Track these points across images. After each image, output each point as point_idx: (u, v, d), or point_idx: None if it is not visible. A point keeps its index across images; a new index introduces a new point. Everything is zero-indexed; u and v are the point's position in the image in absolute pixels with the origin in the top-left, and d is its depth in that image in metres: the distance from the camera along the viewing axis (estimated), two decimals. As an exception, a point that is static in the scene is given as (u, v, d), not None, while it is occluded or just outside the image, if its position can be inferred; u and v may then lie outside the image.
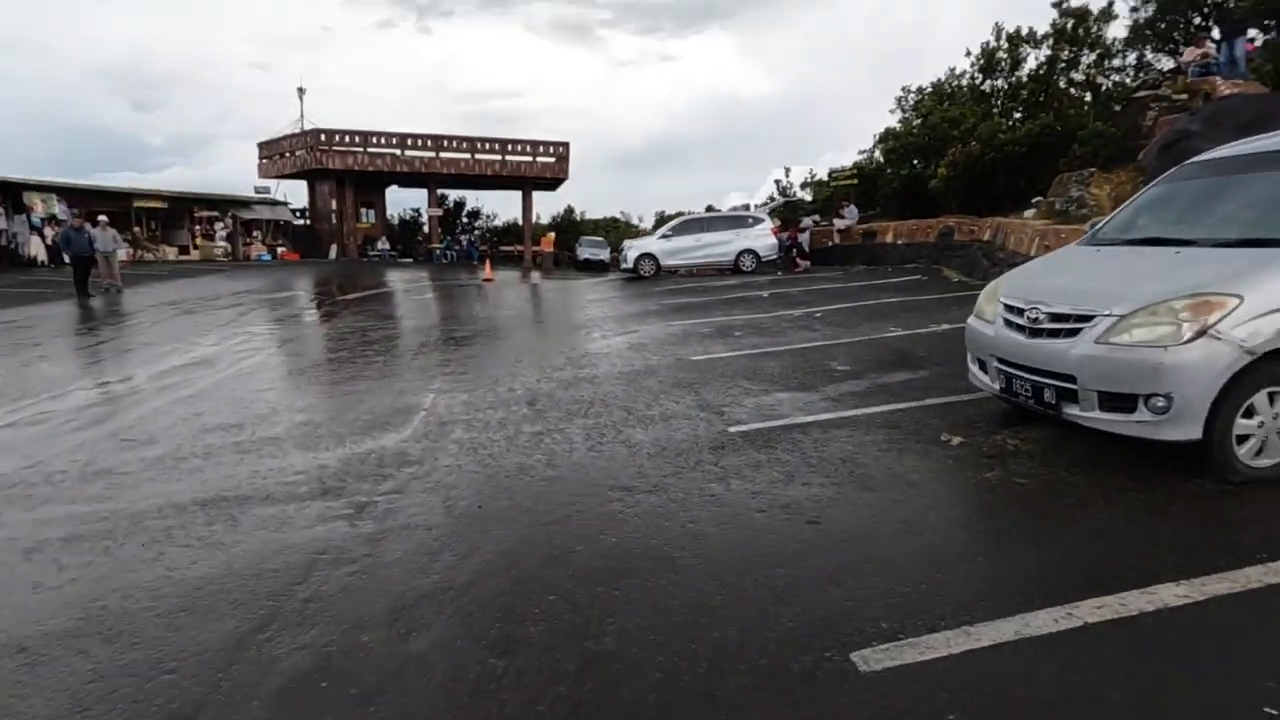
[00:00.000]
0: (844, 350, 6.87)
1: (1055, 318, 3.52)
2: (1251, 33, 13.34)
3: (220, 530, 3.42)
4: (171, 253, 26.64)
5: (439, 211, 31.86)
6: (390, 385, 6.54)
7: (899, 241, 15.34)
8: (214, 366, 7.56)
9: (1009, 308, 3.86)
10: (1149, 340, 3.12)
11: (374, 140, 28.71)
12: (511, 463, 4.21)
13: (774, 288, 12.81)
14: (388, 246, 30.71)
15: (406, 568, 2.96)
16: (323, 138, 28.08)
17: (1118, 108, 13.01)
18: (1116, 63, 15.28)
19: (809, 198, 21.95)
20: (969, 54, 16.20)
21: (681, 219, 18.40)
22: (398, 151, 29.08)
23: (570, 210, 39.23)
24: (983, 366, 4.14)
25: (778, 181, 23.92)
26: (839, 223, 17.23)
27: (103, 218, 15.84)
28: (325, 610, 2.62)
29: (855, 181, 18.60)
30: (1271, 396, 3.08)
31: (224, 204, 28.45)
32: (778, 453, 4.06)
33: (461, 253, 31.28)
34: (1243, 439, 3.11)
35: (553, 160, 30.65)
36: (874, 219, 17.29)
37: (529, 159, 30.34)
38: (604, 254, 25.98)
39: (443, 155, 29.49)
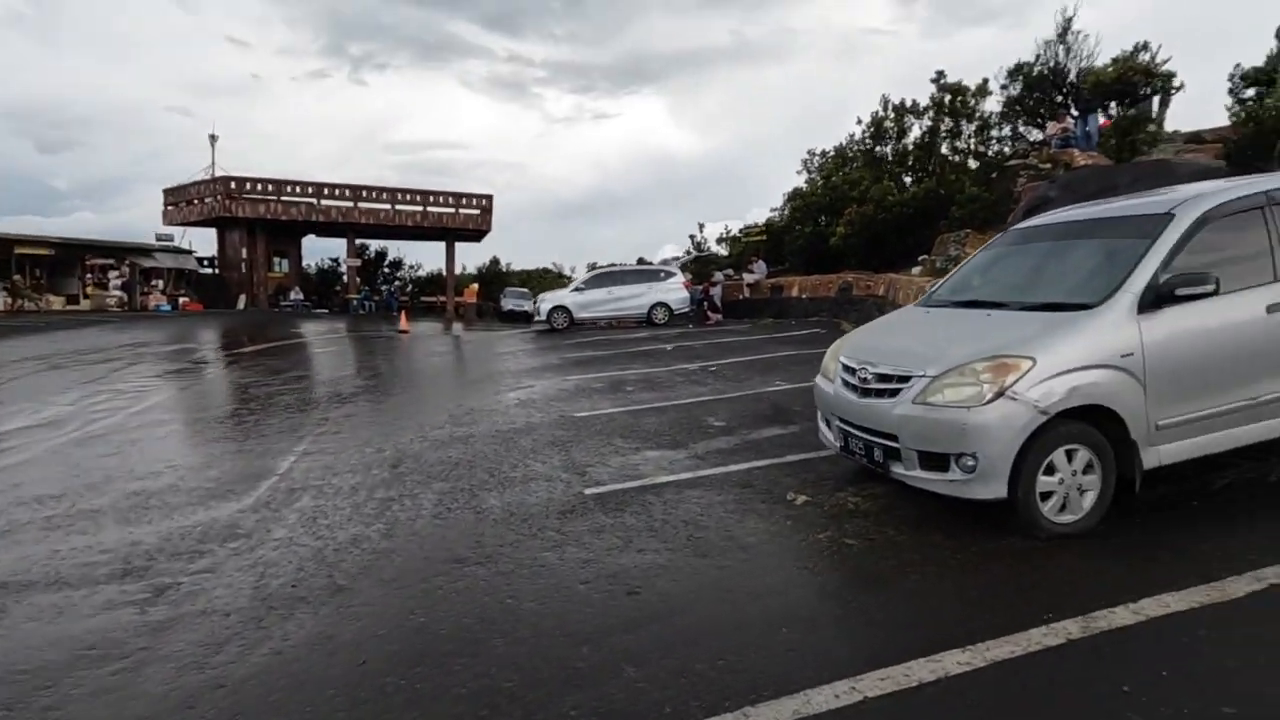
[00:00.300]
0: (726, 405, 6.92)
1: (880, 378, 3.62)
2: (1113, 109, 14.82)
3: (-17, 625, 3.03)
4: (58, 302, 24.90)
5: (357, 262, 31.13)
6: (252, 447, 6.14)
7: (804, 296, 15.88)
8: (60, 428, 6.95)
9: (845, 367, 3.95)
10: (956, 401, 3.23)
11: (288, 189, 27.98)
12: (347, 535, 3.95)
13: (680, 340, 12.95)
14: (301, 297, 29.64)
15: (181, 663, 2.67)
16: (233, 185, 27.17)
17: (994, 174, 14.07)
18: (995, 133, 16.60)
19: (725, 252, 22.60)
20: (859, 121, 17.32)
21: (595, 272, 18.59)
22: (314, 200, 28.42)
23: (496, 261, 39.11)
24: (828, 424, 4.20)
25: (692, 237, 24.64)
26: (748, 277, 17.74)
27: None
28: (58, 721, 2.31)
29: (764, 238, 19.31)
30: (1069, 454, 3.22)
31: (121, 251, 26.91)
32: (625, 516, 3.96)
33: (381, 303, 30.54)
34: (1046, 496, 3.23)
35: (476, 212, 30.59)
36: (782, 274, 17.91)
37: (451, 210, 30.19)
38: (528, 305, 25.88)
39: (362, 205, 29.00)
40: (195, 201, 28.34)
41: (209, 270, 30.79)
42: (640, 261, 30.00)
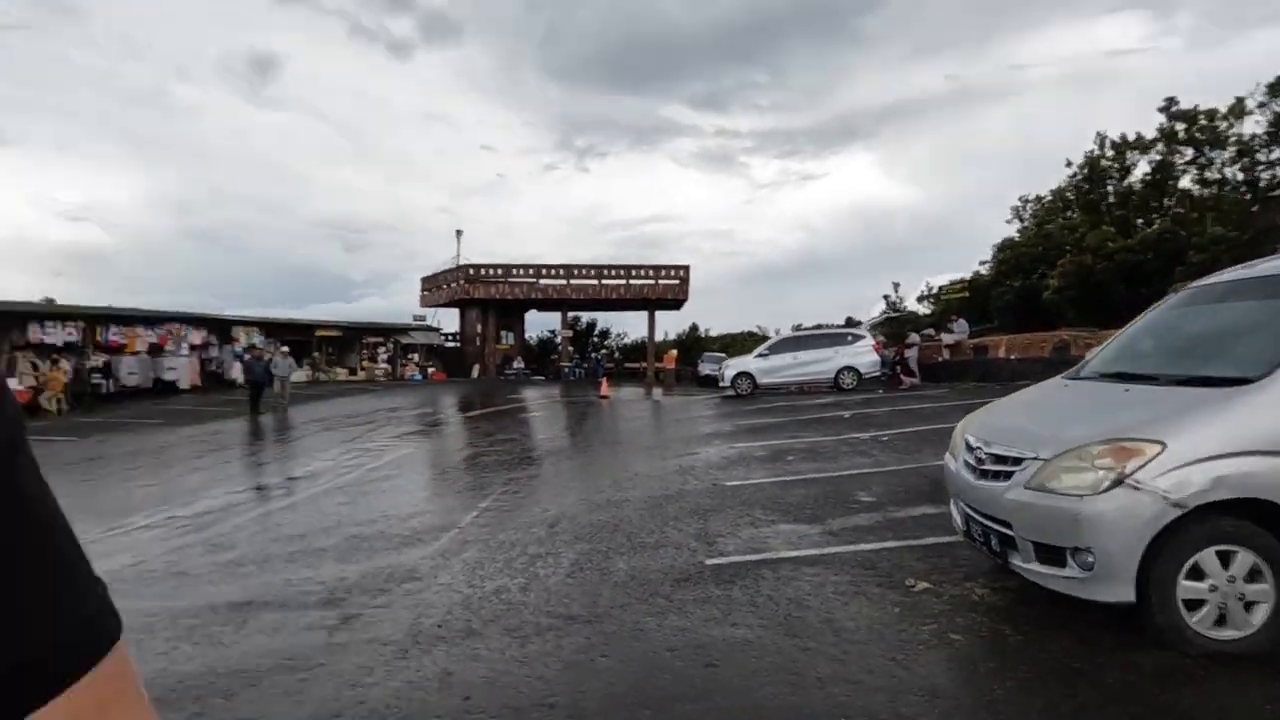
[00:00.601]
0: (883, 479, 6.60)
1: (995, 458, 3.38)
2: None
3: (228, 631, 4.01)
4: (343, 374, 30.68)
5: (569, 333, 34.28)
6: (448, 502, 7.19)
7: (1012, 356, 14.40)
8: (316, 481, 8.68)
9: (968, 445, 3.73)
10: (1069, 488, 2.93)
11: (514, 271, 32.04)
12: (493, 585, 4.53)
13: (862, 408, 12.44)
14: (522, 365, 33.29)
15: (342, 679, 3.32)
16: (471, 271, 31.81)
17: (1255, 208, 11.79)
18: (1262, 156, 13.93)
19: (926, 310, 21.27)
20: (1069, 164, 15.55)
21: (779, 338, 18.54)
22: (534, 280, 32.17)
23: (694, 328, 40.60)
24: (955, 506, 3.95)
25: (886, 296, 23.52)
26: (948, 338, 16.51)
27: (284, 348, 18.86)
28: (248, 715, 3.03)
29: (966, 294, 17.90)
30: (1224, 556, 2.73)
31: (387, 331, 32.63)
32: (733, 589, 4.05)
33: (589, 370, 33.16)
34: (1194, 605, 2.75)
35: (675, 282, 32.28)
36: (988, 333, 16.41)
37: (651, 282, 32.20)
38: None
39: (573, 282, 32.15)
40: (443, 287, 33.56)
41: (452, 344, 35.96)
42: (848, 321, 29.31)
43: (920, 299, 21.98)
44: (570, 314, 35.93)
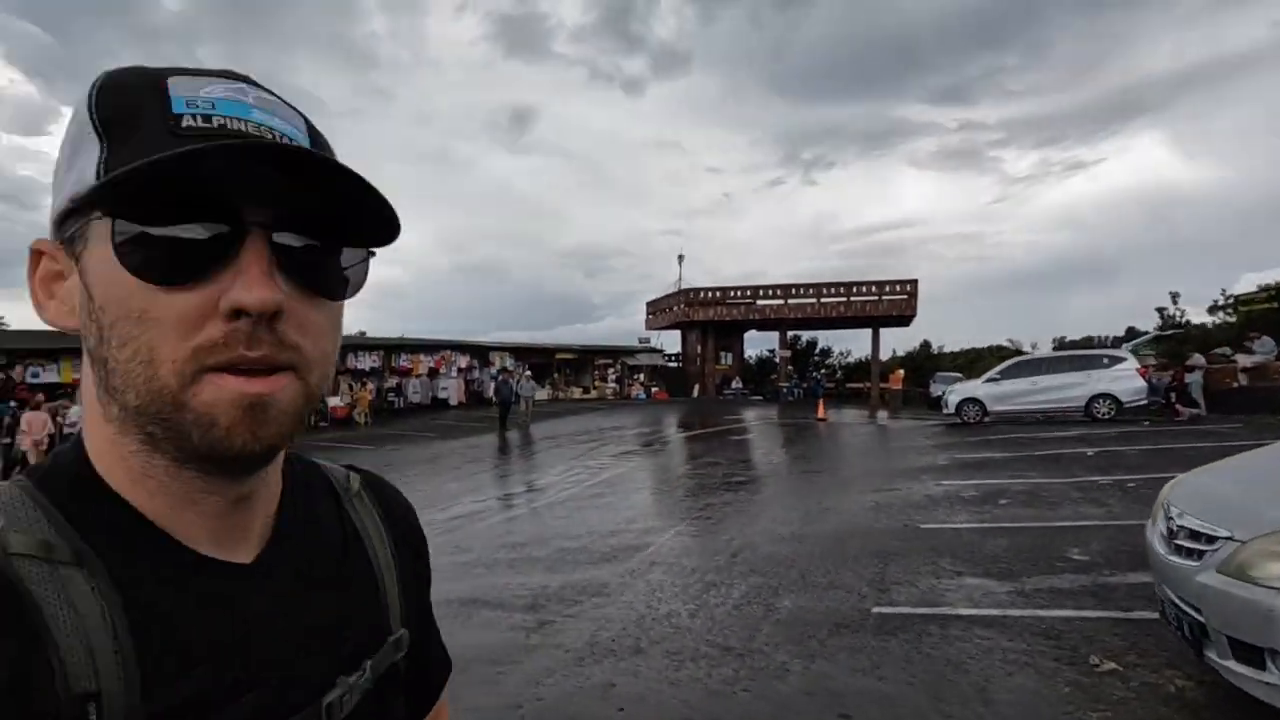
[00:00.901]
0: (1108, 535, 5.80)
1: (1189, 533, 2.98)
2: None
3: (455, 624, 4.95)
4: (578, 392, 33.83)
5: (787, 353, 33.96)
6: (648, 523, 7.83)
7: (1342, 384, 11.36)
8: (542, 494, 9.93)
9: (1165, 512, 3.30)
10: (1269, 578, 2.52)
11: (731, 293, 32.76)
12: (667, 608, 4.96)
13: (1114, 444, 10.76)
14: (740, 385, 33.76)
15: (528, 677, 3.98)
16: (690, 295, 33.18)
17: None
18: None
19: (1217, 321, 17.54)
20: None
21: (1014, 361, 16.54)
22: (751, 301, 32.55)
23: (926, 344, 37.69)
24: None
25: (1161, 309, 19.67)
26: (1245, 359, 13.49)
27: (528, 371, 21.51)
28: (450, 697, 3.79)
29: (1275, 304, 14.46)
30: None
31: (615, 353, 35.28)
32: (891, 641, 3.99)
33: (809, 390, 32.53)
34: None
35: (901, 298, 30.45)
36: (1307, 353, 13.09)
37: (874, 299, 30.73)
38: (956, 391, 24.36)
39: (790, 301, 31.90)
40: (665, 310, 35.42)
41: (674, 365, 37.70)
42: (1129, 333, 25.39)
43: (1214, 309, 18.08)
44: (790, 333, 35.64)
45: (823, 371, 35.11)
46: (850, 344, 38.64)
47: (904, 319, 31.54)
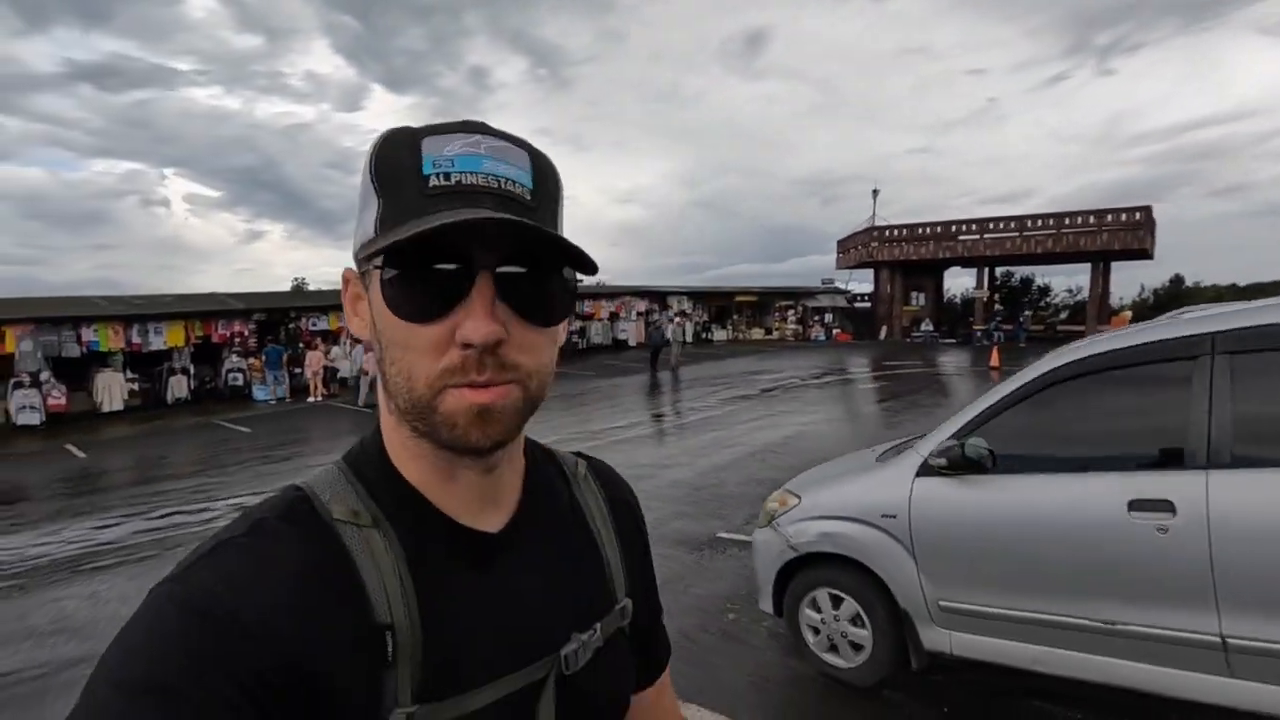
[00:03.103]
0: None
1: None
2: None
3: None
4: (759, 334, 34.93)
5: (983, 292, 31.26)
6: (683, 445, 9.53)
7: None
8: (612, 434, 12.00)
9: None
10: (761, 520, 3.69)
11: (920, 230, 30.89)
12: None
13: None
14: (931, 328, 32.05)
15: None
16: (876, 233, 31.97)
17: None
18: None
19: None
20: None
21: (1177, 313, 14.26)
22: (941, 238, 30.43)
23: (1178, 280, 31.76)
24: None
25: None
26: None
27: (676, 317, 23.42)
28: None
29: None
30: (835, 599, 3.24)
31: (796, 294, 35.45)
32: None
33: (1010, 334, 29.85)
34: (813, 630, 3.34)
35: (1126, 230, 26.29)
36: None
37: (1092, 230, 26.92)
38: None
39: (987, 237, 29.24)
40: (853, 249, 34.51)
41: (864, 305, 36.66)
42: None
43: None
44: (1004, 269, 32.53)
45: (1026, 314, 31.65)
46: (1084, 280, 33.82)
47: (1134, 253, 27.17)
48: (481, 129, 0.55)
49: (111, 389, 17.07)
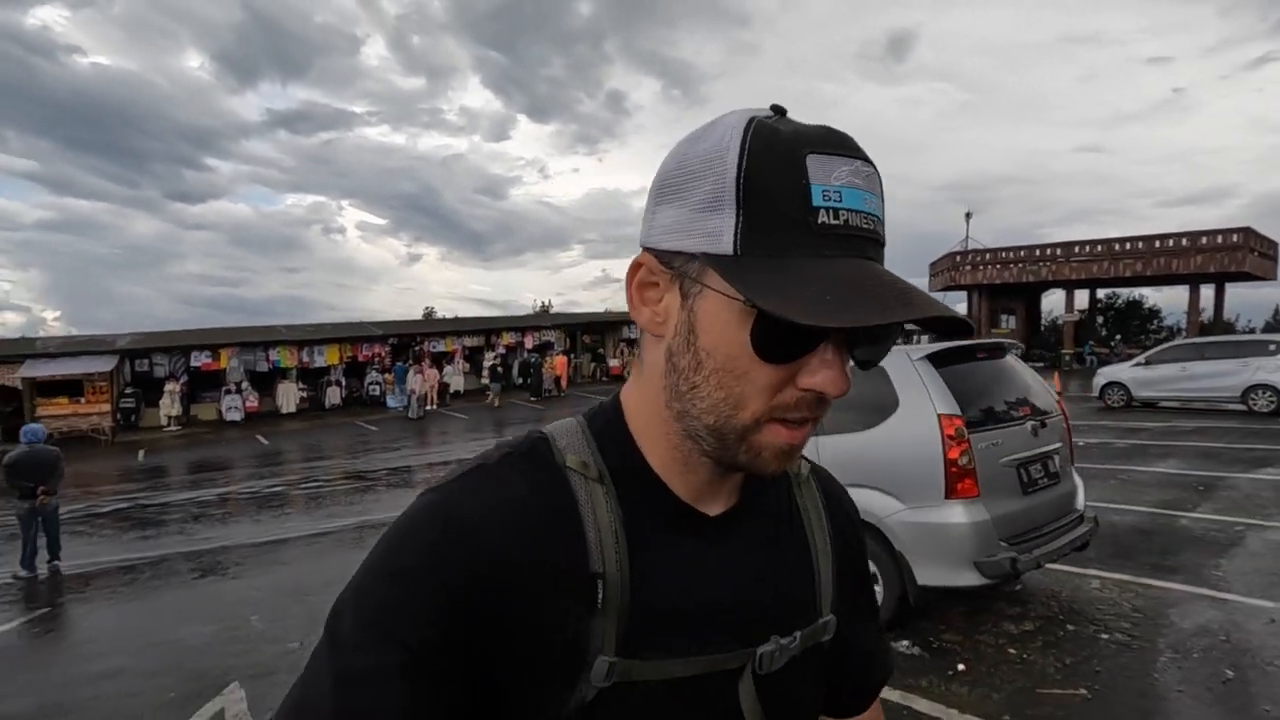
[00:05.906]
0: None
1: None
2: None
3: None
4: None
5: (1074, 316, 30.70)
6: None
7: None
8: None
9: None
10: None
11: (1002, 255, 31.07)
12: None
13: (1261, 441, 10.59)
14: (1017, 351, 31.83)
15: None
16: (958, 257, 32.43)
17: None
18: None
19: None
20: None
21: (1171, 344, 14.98)
22: (1026, 264, 30.47)
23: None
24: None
25: None
26: None
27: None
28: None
29: None
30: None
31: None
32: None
33: (1104, 358, 29.19)
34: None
35: (1218, 251, 25.33)
36: None
37: (1185, 252, 26.11)
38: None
39: (1073, 261, 28.99)
40: (940, 273, 34.95)
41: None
42: None
43: None
44: (1106, 291, 31.60)
45: (1118, 338, 30.65)
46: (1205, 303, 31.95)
47: (1234, 276, 25.95)
48: (852, 147, 0.50)
49: (288, 395, 22.65)
